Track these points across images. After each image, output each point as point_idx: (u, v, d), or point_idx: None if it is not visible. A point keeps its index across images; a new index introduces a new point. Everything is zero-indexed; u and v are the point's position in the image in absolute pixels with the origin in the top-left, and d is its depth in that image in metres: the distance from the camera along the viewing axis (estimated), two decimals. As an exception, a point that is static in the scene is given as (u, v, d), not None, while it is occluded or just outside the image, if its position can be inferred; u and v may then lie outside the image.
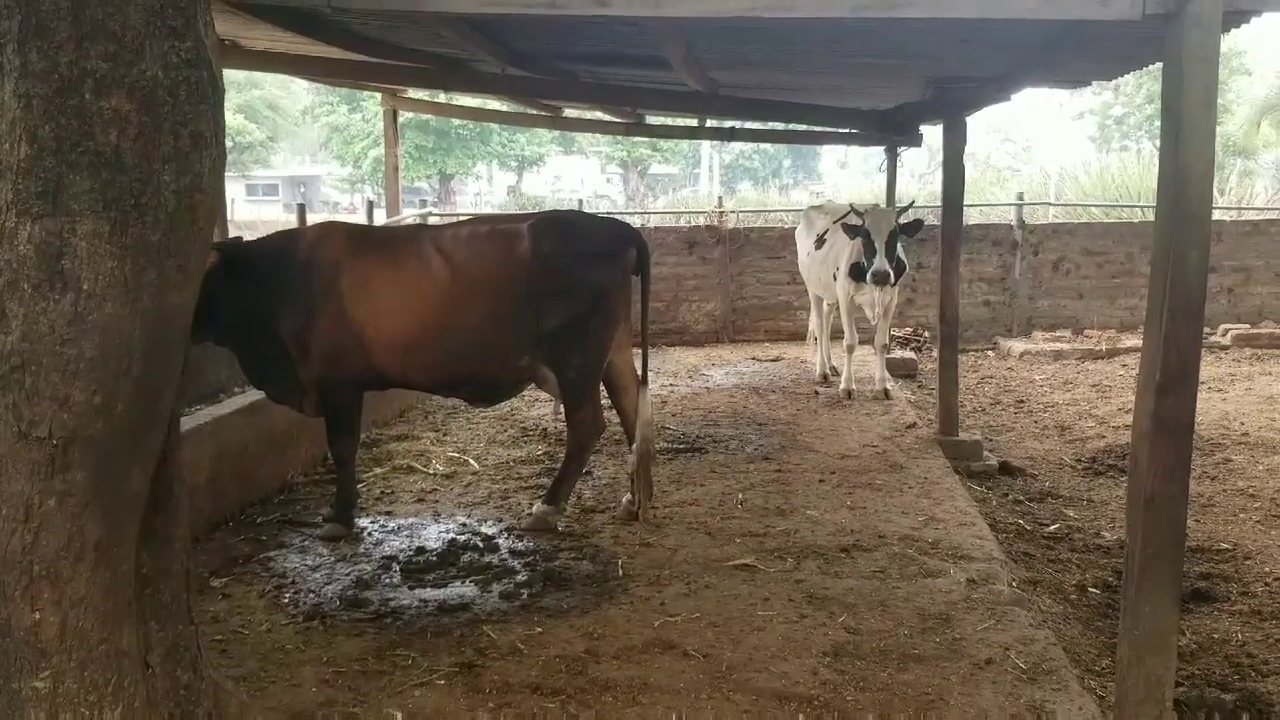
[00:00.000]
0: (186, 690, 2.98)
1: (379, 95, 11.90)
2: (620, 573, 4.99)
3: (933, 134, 9.39)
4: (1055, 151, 36.09)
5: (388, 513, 5.97)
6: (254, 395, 6.09)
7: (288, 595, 4.75)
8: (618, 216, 8.67)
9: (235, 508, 5.81)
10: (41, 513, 2.51)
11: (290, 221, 16.66)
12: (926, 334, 12.64)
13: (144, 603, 2.87)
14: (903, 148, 11.05)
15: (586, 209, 16.29)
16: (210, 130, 2.61)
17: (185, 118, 2.54)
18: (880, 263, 8.40)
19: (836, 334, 9.84)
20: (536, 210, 12.07)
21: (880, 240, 8.41)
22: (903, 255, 8.80)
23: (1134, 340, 11.83)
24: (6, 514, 2.52)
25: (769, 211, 20.17)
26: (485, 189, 46.86)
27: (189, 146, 2.56)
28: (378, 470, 6.80)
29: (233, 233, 7.83)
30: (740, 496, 6.18)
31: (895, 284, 8.80)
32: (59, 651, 2.60)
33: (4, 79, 2.42)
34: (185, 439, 3.48)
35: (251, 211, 38.35)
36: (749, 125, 12.57)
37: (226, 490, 5.73)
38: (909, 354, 11.81)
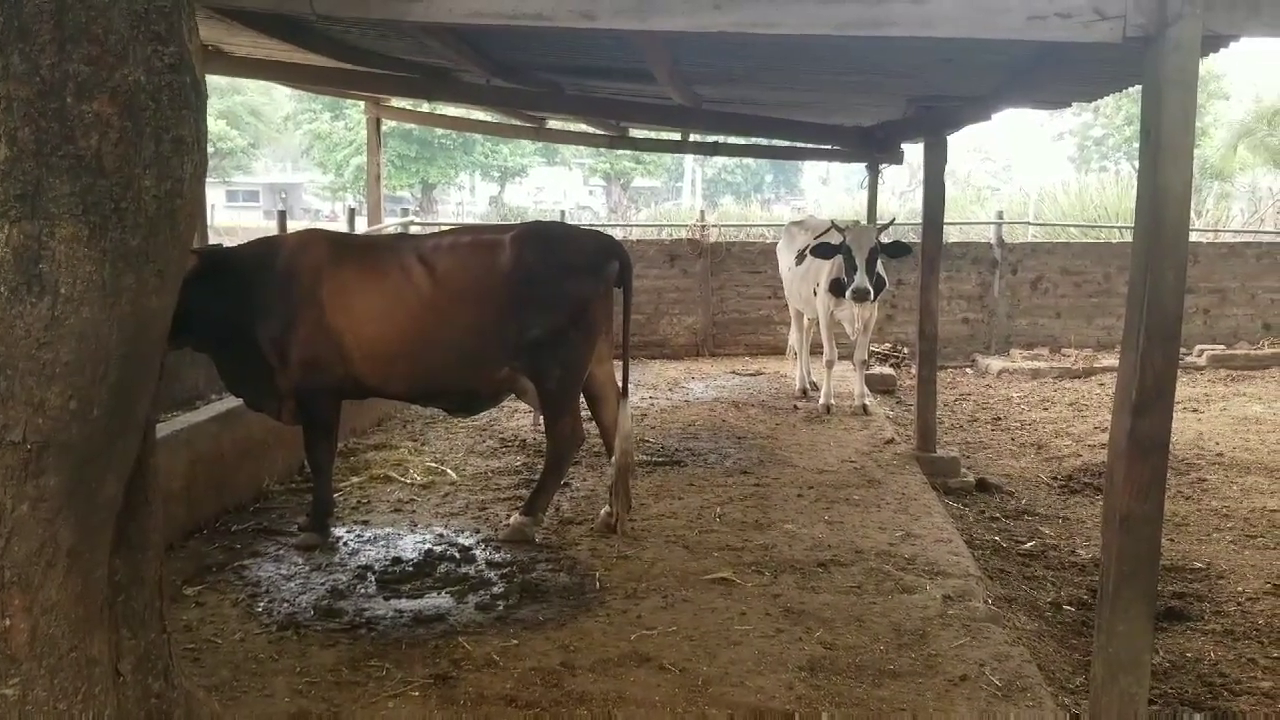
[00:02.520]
0: (158, 699, 2.95)
1: (362, 103, 11.87)
2: (597, 585, 4.98)
3: (914, 152, 9.47)
4: (1035, 171, 36.45)
5: (364, 522, 5.94)
6: (231, 402, 6.05)
7: (262, 604, 4.71)
8: (600, 229, 8.66)
9: (210, 515, 5.77)
10: (14, 518, 2.48)
11: (271, 228, 16.59)
12: (906, 350, 12.70)
13: (116, 610, 2.85)
14: (884, 165, 11.12)
15: (568, 221, 16.30)
16: (192, 135, 2.60)
17: (167, 123, 2.53)
18: (860, 279, 8.43)
19: (816, 349, 9.88)
20: (519, 221, 12.07)
21: (861, 257, 8.44)
22: (883, 272, 8.85)
23: (1110, 359, 11.91)
24: (-22, 519, 2.48)
25: (751, 226, 20.26)
26: (467, 199, 46.80)
27: (170, 151, 2.54)
28: (354, 479, 6.77)
29: (213, 239, 7.80)
30: (718, 510, 6.18)
31: (875, 300, 8.83)
32: (29, 658, 2.56)
33: (-15, 81, 2.40)
34: (161, 445, 3.45)
35: (232, 218, 38.19)
36: (732, 140, 12.62)
37: (202, 498, 5.68)
38: (888, 370, 11.86)
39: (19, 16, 2.38)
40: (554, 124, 11.57)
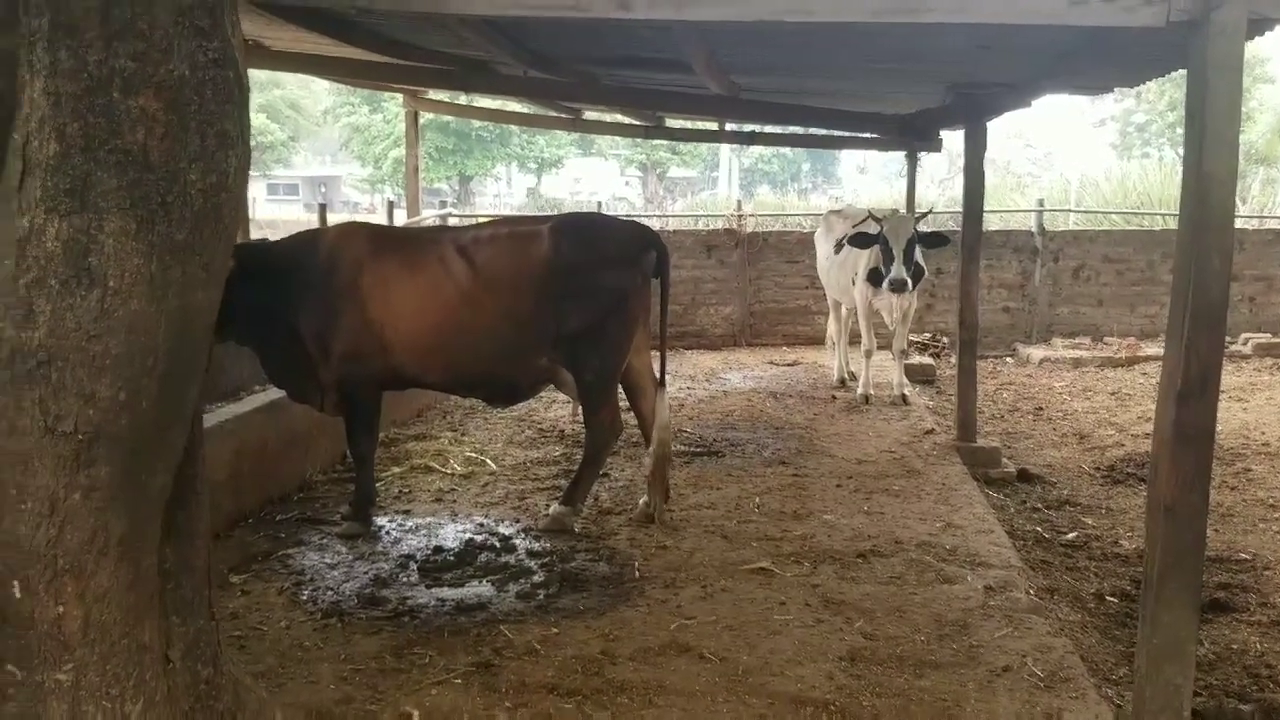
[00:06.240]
0: (206, 685, 3.00)
1: (400, 96, 11.94)
2: (636, 575, 4.99)
3: (953, 139, 9.38)
4: (1076, 158, 35.94)
5: (405, 512, 6.00)
6: (274, 393, 6.12)
7: (306, 592, 4.77)
8: (636, 219, 8.66)
9: (255, 505, 5.85)
10: (66, 507, 2.53)
11: (311, 221, 16.73)
12: (945, 339, 12.60)
13: (165, 598, 2.89)
14: (923, 153, 11.02)
15: (605, 211, 16.31)
16: (236, 130, 2.64)
17: (211, 117, 2.56)
18: (898, 270, 8.35)
19: (854, 339, 9.82)
20: (555, 212, 12.08)
21: (898, 247, 8.36)
22: (921, 261, 8.76)
23: (1153, 348, 11.77)
24: (32, 508, 2.54)
25: (787, 215, 20.14)
26: (504, 190, 46.97)
27: (215, 145, 2.58)
28: (396, 469, 6.83)
29: (255, 233, 7.87)
30: (757, 500, 6.17)
31: (913, 290, 8.76)
32: (82, 645, 2.62)
33: (34, 77, 2.44)
34: (206, 436, 3.50)
35: (272, 211, 38.58)
36: (769, 129, 12.56)
37: (246, 488, 5.76)
38: (927, 359, 11.78)
39: (66, 13, 2.42)
40: (590, 115, 11.57)
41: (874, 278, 8.77)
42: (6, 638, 2.61)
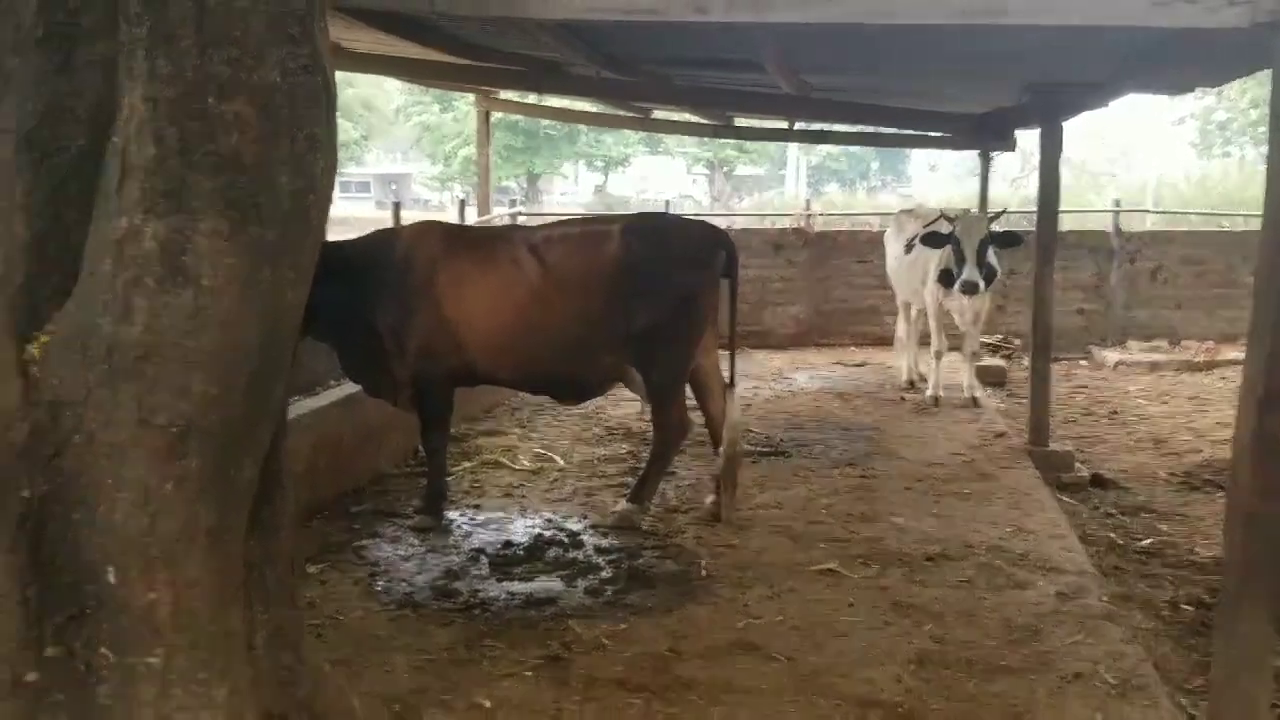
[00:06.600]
0: (288, 672, 3.09)
1: (471, 96, 12.08)
2: (703, 573, 5.03)
3: (1026, 138, 9.25)
4: (1154, 156, 35.14)
5: (476, 506, 6.09)
6: (349, 388, 6.26)
7: (381, 583, 4.88)
8: (703, 218, 8.68)
9: (330, 497, 5.98)
10: (159, 497, 2.62)
11: (383, 218, 16.99)
12: (1017, 341, 12.41)
13: (250, 587, 2.98)
14: (996, 152, 10.87)
15: (672, 210, 16.34)
16: (324, 133, 2.71)
17: (301, 121, 2.64)
18: (970, 272, 8.25)
19: (924, 340, 9.74)
20: (622, 210, 12.14)
21: (971, 248, 8.26)
22: (994, 261, 8.64)
23: (1234, 352, 11.46)
24: (126, 498, 2.63)
25: (856, 214, 19.99)
26: (571, 189, 47.18)
27: (304, 149, 2.65)
28: (466, 464, 6.93)
29: (329, 230, 8.01)
30: (824, 501, 6.17)
31: (986, 292, 8.65)
32: (172, 631, 2.70)
33: (134, 83, 2.53)
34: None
35: (345, 209, 39.16)
36: (839, 128, 12.49)
37: (322, 480, 5.89)
38: (999, 362, 11.62)
39: (164, 23, 2.50)
40: (659, 113, 11.61)
41: (945, 279, 8.67)
42: (101, 622, 2.70)
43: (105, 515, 2.63)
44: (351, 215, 31.36)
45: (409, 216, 9.98)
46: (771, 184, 45.65)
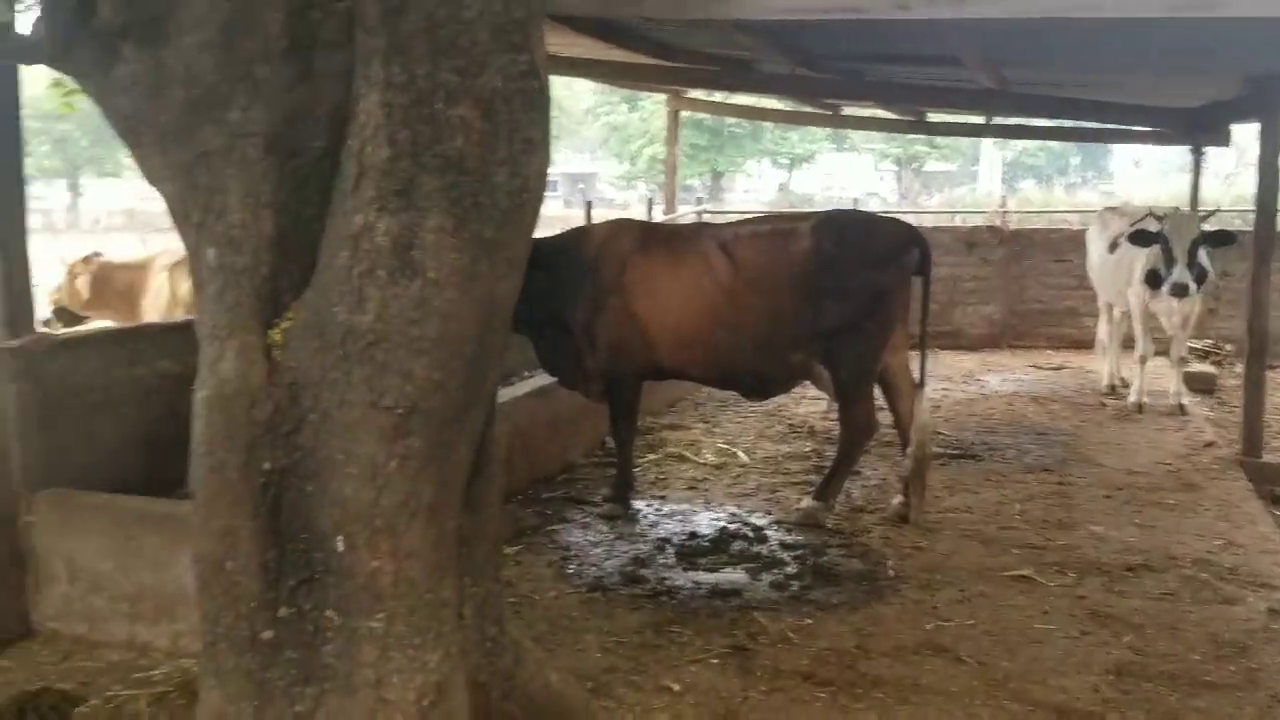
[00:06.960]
0: (492, 643, 3.28)
1: (661, 95, 12.26)
2: (890, 573, 5.00)
3: (1240, 132, 8.72)
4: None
5: (661, 497, 6.22)
6: (543, 379, 6.50)
7: (572, 567, 5.07)
8: (892, 215, 8.58)
9: (524, 483, 6.23)
10: (385, 473, 2.83)
11: (573, 216, 17.44)
12: (1228, 347, 11.68)
13: (460, 561, 3.18)
14: (1208, 148, 10.29)
15: (859, 207, 16.14)
16: (539, 136, 2.86)
17: (518, 125, 2.80)
18: (1180, 274, 7.84)
19: (1126, 343, 9.31)
20: (806, 208, 12.09)
21: (1181, 248, 7.85)
22: (1206, 263, 8.19)
23: None
24: (355, 473, 2.85)
25: (1054, 212, 19.24)
26: (755, 186, 47.08)
27: (521, 151, 2.81)
28: (651, 456, 7.08)
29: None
30: (1018, 507, 6.02)
31: (1196, 294, 8.21)
32: (392, 597, 2.91)
33: (370, 89, 2.75)
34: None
35: (534, 206, 40.17)
36: (1036, 122, 12.06)
37: (517, 466, 6.14)
38: (1208, 368, 10.99)
39: (399, 34, 2.71)
40: (849, 110, 11.50)
41: (1152, 280, 8.27)
42: (329, 587, 2.94)
43: (336, 488, 2.85)
44: (542, 213, 32.29)
45: (598, 215, 10.24)
46: (963, 180, 44.35)
